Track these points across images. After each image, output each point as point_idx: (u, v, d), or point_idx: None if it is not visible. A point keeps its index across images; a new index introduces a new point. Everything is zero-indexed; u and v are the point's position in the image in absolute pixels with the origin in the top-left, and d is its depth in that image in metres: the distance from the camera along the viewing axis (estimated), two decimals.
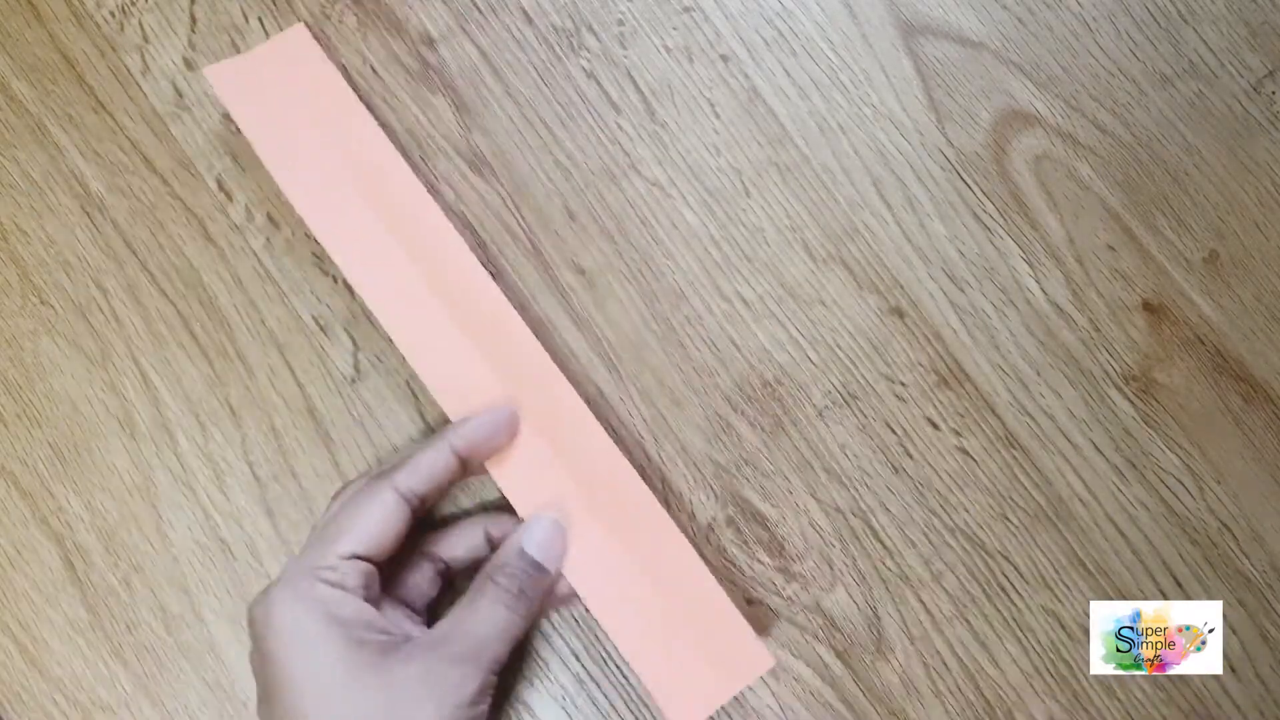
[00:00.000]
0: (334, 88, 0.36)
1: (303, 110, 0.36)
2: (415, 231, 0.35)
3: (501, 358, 0.35)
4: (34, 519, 0.38)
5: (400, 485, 0.32)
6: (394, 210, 0.35)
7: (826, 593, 0.38)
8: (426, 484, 0.32)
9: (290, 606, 0.30)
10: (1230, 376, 0.38)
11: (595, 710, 0.37)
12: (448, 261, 0.35)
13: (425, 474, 0.32)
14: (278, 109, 0.36)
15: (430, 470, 0.32)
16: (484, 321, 0.35)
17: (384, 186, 0.36)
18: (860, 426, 0.38)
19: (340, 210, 0.35)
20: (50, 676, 0.37)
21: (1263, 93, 0.39)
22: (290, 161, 0.35)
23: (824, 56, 0.39)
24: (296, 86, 0.36)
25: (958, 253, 0.39)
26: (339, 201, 0.35)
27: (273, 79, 0.36)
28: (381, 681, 0.29)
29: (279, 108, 0.36)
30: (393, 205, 0.35)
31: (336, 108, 0.36)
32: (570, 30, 0.40)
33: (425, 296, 0.35)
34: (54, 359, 0.39)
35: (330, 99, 0.36)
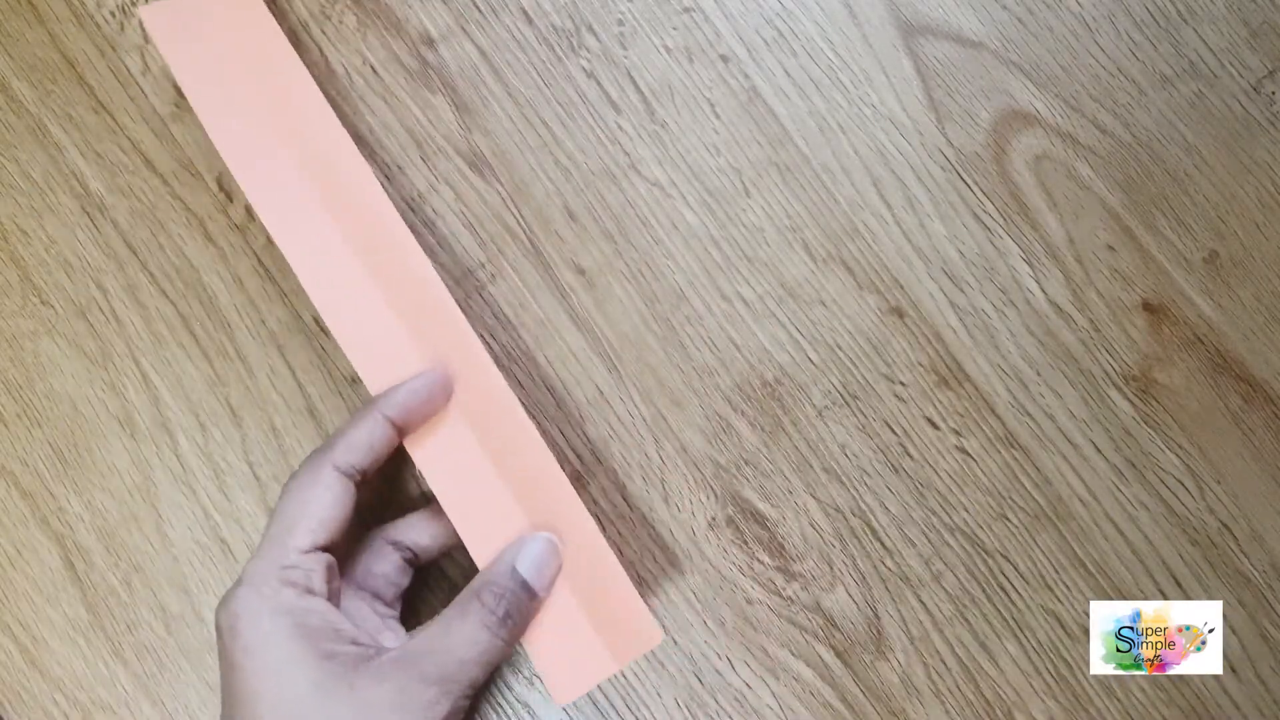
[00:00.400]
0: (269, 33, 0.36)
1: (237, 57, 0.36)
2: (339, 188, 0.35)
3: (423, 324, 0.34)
4: (34, 519, 0.38)
5: (339, 462, 0.31)
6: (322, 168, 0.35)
7: (826, 593, 0.38)
8: (365, 457, 0.32)
9: (256, 617, 0.29)
10: (1230, 376, 0.38)
11: (595, 710, 0.37)
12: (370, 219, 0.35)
13: (363, 447, 0.31)
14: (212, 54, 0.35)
15: (368, 442, 0.32)
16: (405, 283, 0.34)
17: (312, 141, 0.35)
18: (860, 426, 0.38)
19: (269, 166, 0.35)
20: (50, 676, 0.37)
21: (1263, 93, 0.39)
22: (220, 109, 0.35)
23: (824, 56, 0.39)
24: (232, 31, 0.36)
25: (958, 253, 0.39)
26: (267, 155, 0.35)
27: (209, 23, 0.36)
28: (351, 699, 0.28)
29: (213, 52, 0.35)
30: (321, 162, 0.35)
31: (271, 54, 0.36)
32: (570, 30, 0.40)
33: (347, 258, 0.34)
34: (54, 359, 0.39)
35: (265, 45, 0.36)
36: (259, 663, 0.28)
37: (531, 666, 0.37)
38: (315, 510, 0.30)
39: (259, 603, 0.29)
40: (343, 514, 0.31)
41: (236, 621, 0.29)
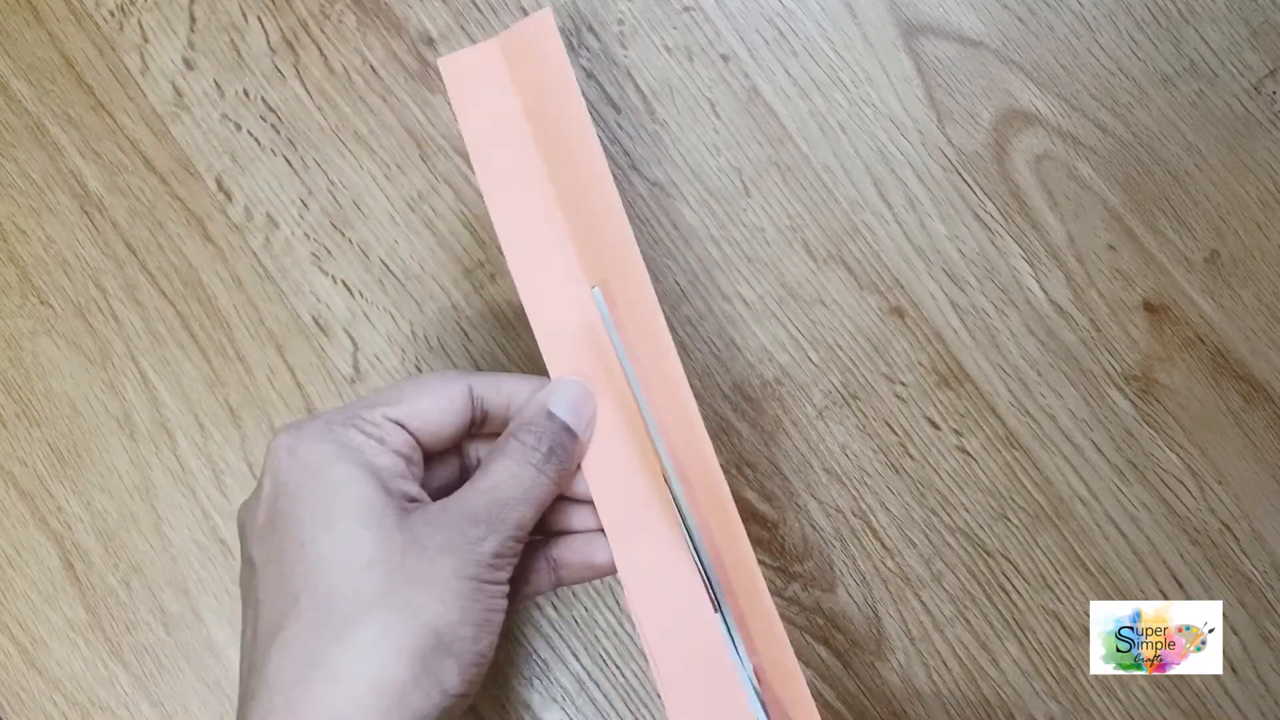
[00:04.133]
0: (563, 87, 0.31)
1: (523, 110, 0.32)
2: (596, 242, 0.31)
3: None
4: (33, 519, 0.38)
5: (476, 388, 0.29)
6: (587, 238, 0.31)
7: (827, 593, 0.37)
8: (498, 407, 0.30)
9: (320, 442, 0.27)
10: (1231, 376, 0.38)
11: (595, 710, 0.37)
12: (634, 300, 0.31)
13: (504, 398, 0.30)
14: (500, 107, 0.32)
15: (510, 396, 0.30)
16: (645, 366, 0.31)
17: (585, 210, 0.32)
18: (860, 426, 0.38)
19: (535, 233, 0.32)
20: (49, 676, 0.37)
21: (1263, 92, 0.39)
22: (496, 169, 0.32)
23: (824, 56, 0.39)
24: (526, 81, 0.32)
25: (958, 253, 0.39)
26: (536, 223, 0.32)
27: (502, 72, 0.32)
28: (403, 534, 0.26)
29: (501, 106, 0.32)
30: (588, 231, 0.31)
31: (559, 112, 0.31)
32: (570, 30, 0.40)
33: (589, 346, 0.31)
34: (53, 359, 0.39)
35: (556, 101, 0.31)
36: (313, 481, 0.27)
37: (532, 667, 0.37)
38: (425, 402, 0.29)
39: (325, 432, 0.27)
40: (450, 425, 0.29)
41: (296, 444, 0.27)
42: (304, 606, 0.25)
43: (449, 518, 0.27)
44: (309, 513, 0.26)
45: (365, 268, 0.39)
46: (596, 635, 0.37)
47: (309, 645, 0.25)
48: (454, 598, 0.26)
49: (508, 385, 0.30)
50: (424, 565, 0.26)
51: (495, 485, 0.28)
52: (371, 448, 0.27)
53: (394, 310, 0.39)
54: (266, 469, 0.28)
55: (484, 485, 0.28)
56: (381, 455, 0.27)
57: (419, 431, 0.29)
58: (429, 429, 0.29)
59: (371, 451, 0.27)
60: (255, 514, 0.27)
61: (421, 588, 0.26)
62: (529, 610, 0.38)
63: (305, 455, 0.27)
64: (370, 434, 0.28)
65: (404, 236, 0.39)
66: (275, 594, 0.26)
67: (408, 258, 0.39)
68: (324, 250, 0.39)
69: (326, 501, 0.26)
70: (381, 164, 0.39)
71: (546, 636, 0.37)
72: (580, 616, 0.37)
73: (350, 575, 0.25)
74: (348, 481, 0.26)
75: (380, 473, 0.27)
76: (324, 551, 0.26)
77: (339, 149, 0.39)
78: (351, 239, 0.39)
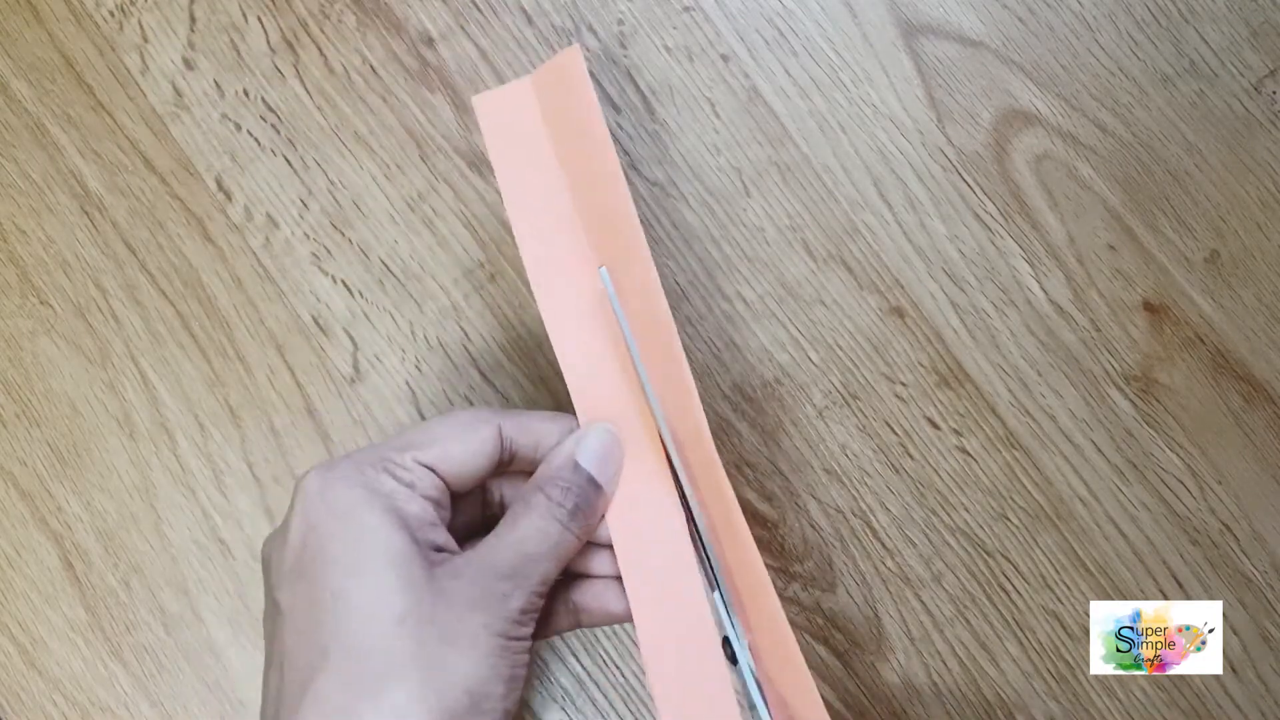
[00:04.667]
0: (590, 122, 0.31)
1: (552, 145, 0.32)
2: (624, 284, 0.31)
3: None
4: (33, 519, 0.38)
5: (505, 429, 0.29)
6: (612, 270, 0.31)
7: (827, 593, 0.37)
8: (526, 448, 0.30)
9: (351, 486, 0.27)
10: (1231, 376, 0.38)
11: (595, 710, 0.37)
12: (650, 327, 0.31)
13: (532, 439, 0.30)
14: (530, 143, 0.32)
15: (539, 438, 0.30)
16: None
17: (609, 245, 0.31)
18: (860, 426, 0.38)
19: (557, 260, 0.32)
20: (49, 677, 0.37)
21: (1263, 92, 0.39)
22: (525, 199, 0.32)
23: (824, 56, 0.39)
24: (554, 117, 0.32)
25: (958, 252, 0.39)
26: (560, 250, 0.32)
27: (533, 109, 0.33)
28: (430, 585, 0.26)
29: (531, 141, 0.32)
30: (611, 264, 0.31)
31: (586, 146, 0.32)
32: (570, 30, 0.40)
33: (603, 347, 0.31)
34: (53, 359, 0.39)
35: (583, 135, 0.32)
36: (344, 526, 0.26)
37: (531, 667, 0.37)
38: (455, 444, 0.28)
39: (356, 476, 0.27)
40: (479, 467, 0.29)
41: (327, 486, 0.27)
42: (334, 660, 0.25)
43: (476, 573, 0.27)
44: (339, 560, 0.26)
45: (365, 268, 0.39)
46: (596, 635, 0.37)
47: (342, 701, 0.25)
48: (483, 656, 0.26)
49: (537, 426, 0.30)
50: (453, 621, 0.26)
51: (522, 540, 0.28)
52: (402, 494, 0.27)
53: (394, 310, 0.39)
54: (295, 509, 0.27)
55: (510, 539, 0.28)
56: (411, 502, 0.27)
57: (448, 475, 0.29)
58: (459, 472, 0.29)
59: (402, 498, 0.27)
60: (283, 554, 0.27)
61: (452, 646, 0.26)
62: None
63: (335, 499, 0.27)
64: (401, 479, 0.28)
65: (404, 236, 0.39)
66: (304, 643, 0.26)
67: (408, 258, 0.39)
68: (324, 250, 0.39)
69: (357, 550, 0.26)
70: (381, 164, 0.39)
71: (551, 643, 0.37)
72: None
73: (382, 630, 0.25)
74: (377, 529, 0.26)
75: (410, 520, 0.27)
76: (355, 603, 0.26)
77: (339, 149, 0.39)
78: (351, 239, 0.39)
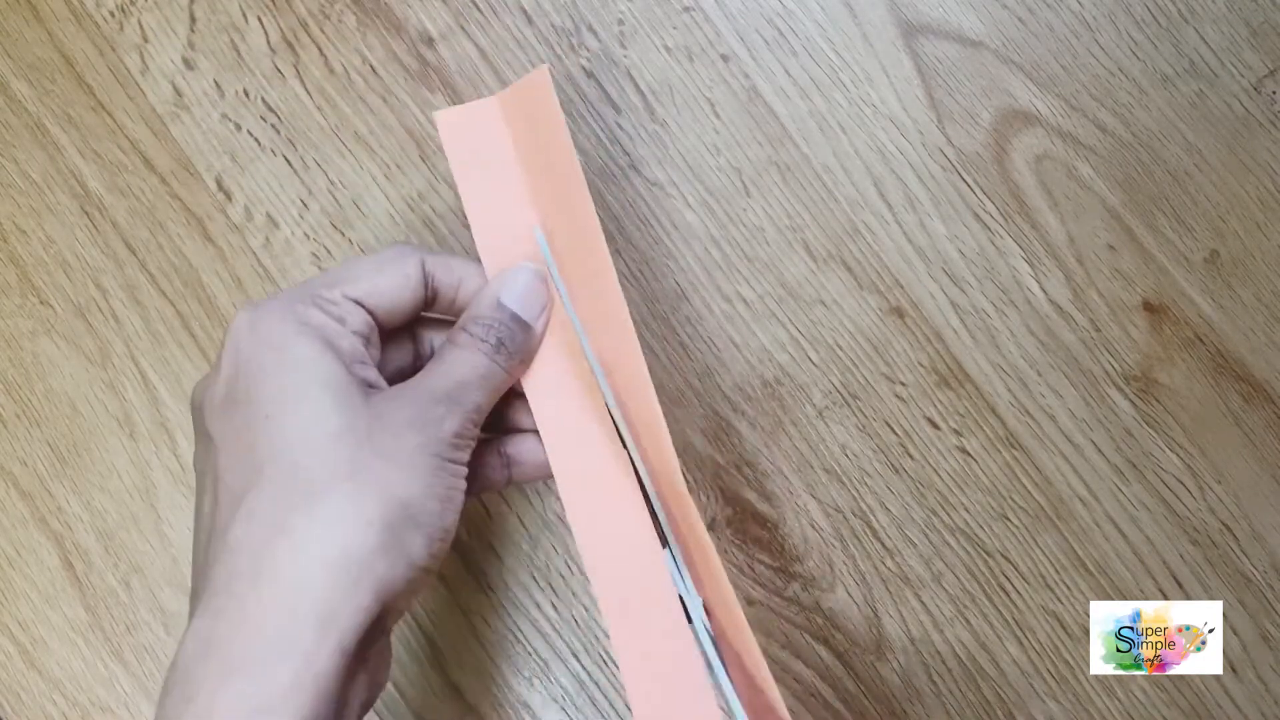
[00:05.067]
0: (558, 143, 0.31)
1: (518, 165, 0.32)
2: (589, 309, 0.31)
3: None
4: (33, 519, 0.38)
5: (428, 264, 0.29)
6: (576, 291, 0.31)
7: (827, 593, 0.37)
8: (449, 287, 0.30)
9: (281, 320, 0.27)
10: (1231, 376, 0.38)
11: (595, 710, 0.37)
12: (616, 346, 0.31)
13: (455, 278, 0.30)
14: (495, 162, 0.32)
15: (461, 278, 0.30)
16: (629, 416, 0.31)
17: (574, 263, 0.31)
18: (860, 426, 0.38)
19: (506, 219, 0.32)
20: (49, 677, 0.37)
21: (1263, 92, 0.39)
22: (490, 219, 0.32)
23: (824, 56, 0.39)
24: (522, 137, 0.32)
25: (958, 252, 0.39)
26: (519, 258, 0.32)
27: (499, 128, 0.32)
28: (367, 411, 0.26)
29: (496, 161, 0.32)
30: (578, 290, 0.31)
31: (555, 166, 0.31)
32: (570, 30, 0.40)
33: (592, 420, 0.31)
34: (53, 359, 0.39)
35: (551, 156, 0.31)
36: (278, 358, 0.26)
37: (532, 667, 0.37)
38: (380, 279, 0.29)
39: (286, 310, 0.27)
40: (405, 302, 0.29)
41: (259, 321, 0.27)
42: (269, 476, 0.25)
43: (411, 397, 0.27)
44: (273, 387, 0.26)
45: None
46: (596, 635, 0.37)
47: (275, 513, 0.25)
48: (419, 473, 0.26)
49: (459, 265, 0.30)
50: (389, 440, 0.26)
51: (450, 370, 0.28)
52: (333, 328, 0.27)
53: None
54: (226, 347, 0.27)
55: (440, 370, 0.28)
56: (342, 338, 0.28)
57: (376, 309, 0.29)
58: (385, 306, 0.29)
59: (333, 333, 0.27)
60: (213, 391, 0.27)
61: (388, 461, 0.26)
62: (529, 610, 0.38)
63: (266, 332, 0.27)
64: (331, 313, 0.28)
65: (404, 236, 0.39)
66: (238, 466, 0.26)
67: None
68: (324, 250, 0.39)
69: (291, 376, 0.26)
70: (381, 164, 0.39)
71: (546, 636, 0.37)
72: (580, 616, 0.37)
73: (317, 447, 0.25)
74: (312, 357, 0.26)
75: (342, 354, 0.27)
76: (290, 423, 0.26)
77: (339, 149, 0.39)
78: (351, 239, 0.39)
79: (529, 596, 0.38)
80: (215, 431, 0.27)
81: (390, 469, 0.26)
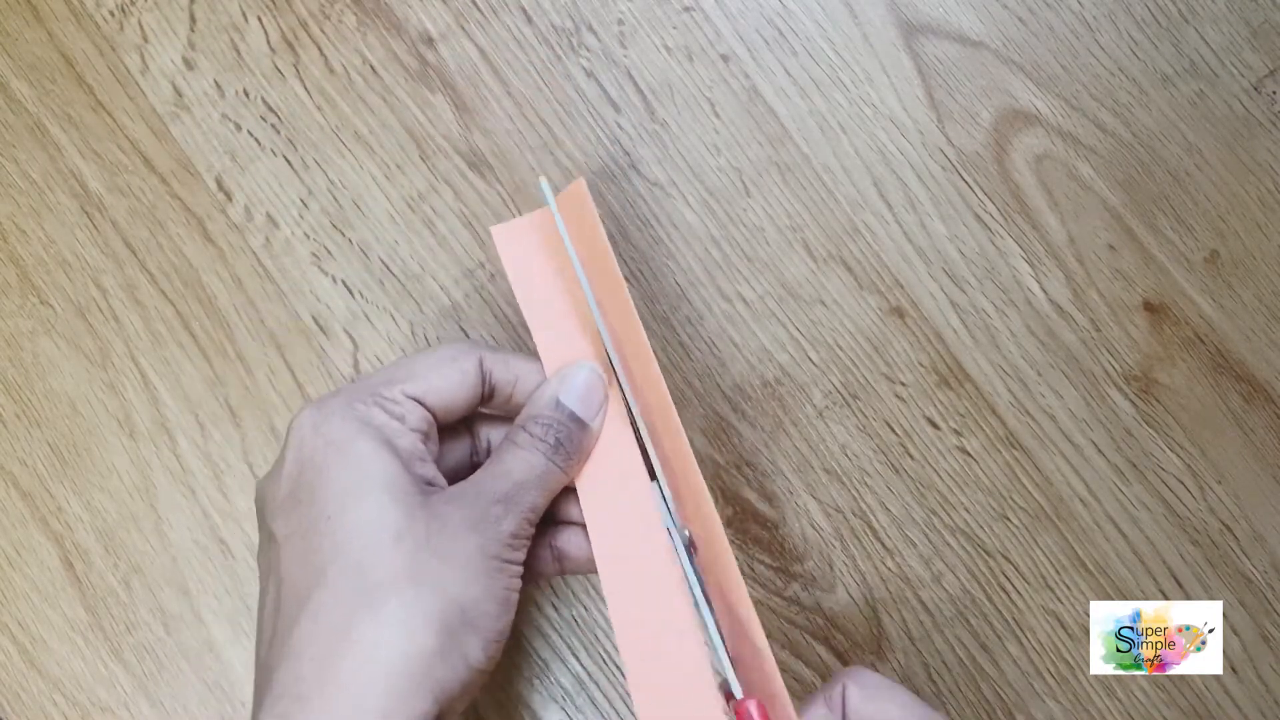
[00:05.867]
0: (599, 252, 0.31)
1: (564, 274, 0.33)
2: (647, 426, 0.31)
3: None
4: (33, 519, 0.38)
5: (485, 362, 0.30)
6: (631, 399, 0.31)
7: (827, 593, 0.37)
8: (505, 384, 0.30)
9: (344, 420, 0.27)
10: (1231, 376, 0.38)
11: (595, 710, 0.37)
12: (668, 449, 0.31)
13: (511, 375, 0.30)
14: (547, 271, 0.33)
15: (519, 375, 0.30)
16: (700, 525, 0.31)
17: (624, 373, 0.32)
18: (860, 426, 0.38)
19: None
20: (49, 676, 0.37)
21: (1263, 92, 0.39)
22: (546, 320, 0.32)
23: (824, 56, 0.39)
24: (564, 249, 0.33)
25: (958, 253, 0.39)
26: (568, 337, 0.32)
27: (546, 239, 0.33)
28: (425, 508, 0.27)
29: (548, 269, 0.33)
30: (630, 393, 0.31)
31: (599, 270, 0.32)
32: (570, 30, 0.40)
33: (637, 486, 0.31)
34: (53, 359, 0.39)
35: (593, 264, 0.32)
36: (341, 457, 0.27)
37: (532, 667, 0.37)
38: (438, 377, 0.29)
39: (348, 410, 0.28)
40: (463, 399, 0.30)
41: (322, 422, 0.27)
42: (332, 577, 0.26)
43: (469, 498, 0.28)
44: (335, 487, 0.27)
45: (365, 268, 0.39)
46: (596, 635, 0.37)
47: (338, 615, 0.25)
48: (477, 574, 0.26)
49: (515, 362, 0.31)
50: (448, 542, 0.26)
51: (509, 470, 0.28)
52: (393, 427, 0.28)
53: (394, 310, 0.39)
54: (289, 444, 0.28)
55: (498, 470, 0.29)
56: (402, 436, 0.28)
57: (435, 406, 0.29)
58: (444, 403, 0.29)
59: (393, 431, 0.28)
60: (277, 488, 0.28)
61: (447, 563, 0.26)
62: (529, 610, 0.38)
63: (329, 431, 0.27)
64: (392, 412, 0.28)
65: (404, 236, 0.39)
66: (301, 565, 0.26)
67: (408, 258, 0.39)
68: (324, 250, 0.39)
69: (353, 476, 0.27)
70: (381, 164, 0.39)
71: (546, 636, 0.37)
72: (580, 616, 0.37)
73: (379, 548, 0.26)
74: (373, 457, 0.27)
75: (401, 453, 0.28)
76: (352, 524, 0.26)
77: (339, 149, 0.39)
78: (351, 239, 0.39)
79: (529, 596, 0.38)
80: (278, 529, 0.27)
81: (449, 571, 0.26)
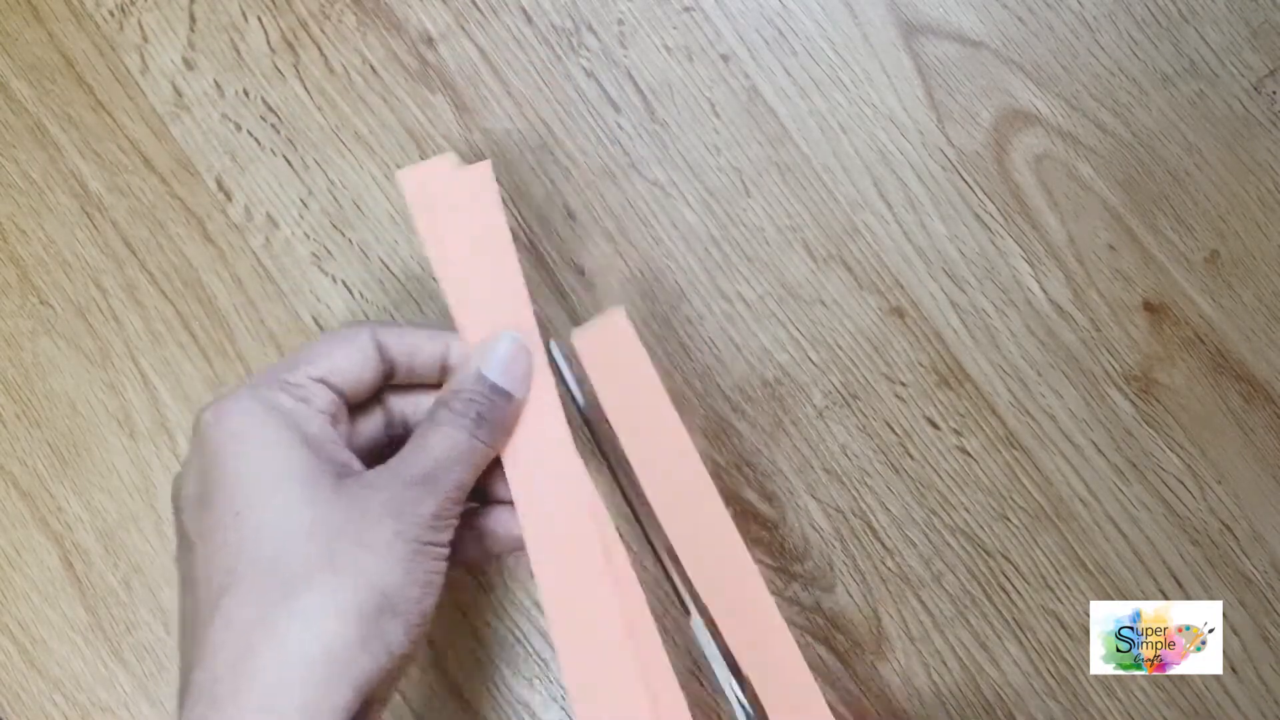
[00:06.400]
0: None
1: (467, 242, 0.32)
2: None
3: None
4: (33, 519, 0.38)
5: (381, 338, 0.29)
6: None
7: (827, 593, 0.37)
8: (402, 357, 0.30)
9: (249, 412, 0.26)
10: (1231, 376, 0.38)
11: None
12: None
13: (406, 347, 0.30)
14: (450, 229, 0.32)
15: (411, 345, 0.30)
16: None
17: None
18: (860, 426, 0.38)
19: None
20: (49, 677, 0.37)
21: (1264, 92, 0.39)
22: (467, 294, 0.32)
23: (824, 56, 0.39)
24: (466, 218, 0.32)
25: (958, 252, 0.39)
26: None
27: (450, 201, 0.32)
28: (339, 499, 0.26)
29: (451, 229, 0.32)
30: None
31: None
32: (570, 30, 0.40)
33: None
34: (53, 359, 0.39)
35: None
36: (247, 449, 0.26)
37: (532, 667, 0.37)
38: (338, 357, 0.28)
39: (252, 399, 0.27)
40: (366, 377, 0.29)
41: (225, 415, 0.26)
42: (243, 574, 0.25)
43: (386, 481, 0.27)
44: (242, 481, 0.26)
45: (365, 268, 0.39)
46: None
47: (253, 612, 0.24)
48: (397, 559, 0.26)
49: (410, 336, 0.30)
50: (365, 528, 0.26)
51: (430, 449, 0.28)
52: (300, 411, 0.27)
53: (394, 310, 0.39)
54: (194, 442, 0.27)
55: (418, 449, 0.28)
56: (310, 421, 0.27)
57: (339, 386, 0.28)
58: (348, 382, 0.29)
59: (301, 416, 0.27)
60: (187, 489, 0.27)
61: (365, 550, 0.25)
62: (529, 610, 0.38)
63: (231, 423, 0.26)
64: (296, 395, 0.27)
65: (404, 236, 0.39)
66: (213, 565, 0.26)
67: (408, 258, 0.39)
68: (324, 250, 0.39)
69: (259, 468, 0.26)
70: (381, 164, 0.39)
71: (546, 636, 0.37)
72: None
73: (291, 541, 0.25)
74: (279, 445, 0.26)
75: (311, 440, 0.27)
76: (262, 519, 0.25)
77: (339, 149, 0.39)
78: (351, 239, 0.39)
79: (529, 596, 0.38)
80: (191, 530, 0.27)
81: (367, 557, 0.25)
